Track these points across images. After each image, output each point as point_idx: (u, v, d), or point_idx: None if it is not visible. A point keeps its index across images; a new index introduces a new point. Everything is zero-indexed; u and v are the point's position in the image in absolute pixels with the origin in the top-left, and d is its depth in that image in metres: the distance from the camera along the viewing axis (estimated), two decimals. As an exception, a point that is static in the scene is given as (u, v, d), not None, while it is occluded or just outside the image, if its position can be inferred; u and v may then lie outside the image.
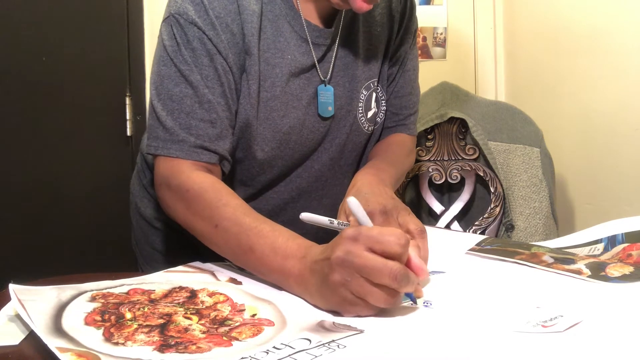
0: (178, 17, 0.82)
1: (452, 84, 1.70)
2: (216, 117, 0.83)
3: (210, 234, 0.78)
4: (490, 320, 0.61)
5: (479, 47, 2.01)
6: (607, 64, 1.51)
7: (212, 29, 0.82)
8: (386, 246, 0.59)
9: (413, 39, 1.06)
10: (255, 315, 0.64)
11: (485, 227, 1.56)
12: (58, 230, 1.74)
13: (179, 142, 0.82)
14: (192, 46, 0.82)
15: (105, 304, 0.65)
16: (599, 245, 0.84)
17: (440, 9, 1.97)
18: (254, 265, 0.73)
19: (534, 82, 1.84)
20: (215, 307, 0.66)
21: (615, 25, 1.49)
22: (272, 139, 0.90)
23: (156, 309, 0.64)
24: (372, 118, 1.00)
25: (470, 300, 0.67)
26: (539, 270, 0.76)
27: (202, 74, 0.82)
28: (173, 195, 0.83)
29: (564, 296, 0.67)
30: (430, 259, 0.78)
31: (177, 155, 0.82)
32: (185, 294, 0.69)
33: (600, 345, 0.54)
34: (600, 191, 1.58)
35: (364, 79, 0.97)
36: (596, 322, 0.59)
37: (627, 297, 0.66)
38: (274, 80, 0.88)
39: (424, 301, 0.66)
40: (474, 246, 0.87)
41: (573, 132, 1.66)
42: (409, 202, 1.63)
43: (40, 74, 1.68)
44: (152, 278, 0.75)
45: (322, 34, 0.92)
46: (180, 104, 0.82)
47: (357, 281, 0.59)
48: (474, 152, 1.60)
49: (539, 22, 1.80)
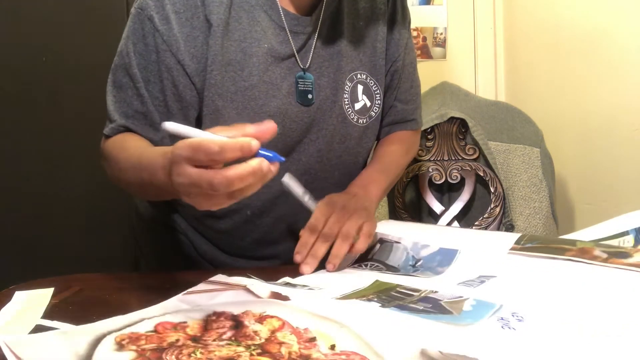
0: (139, 12, 0.86)
1: (452, 84, 1.70)
2: (147, 111, 0.88)
3: (126, 178, 0.83)
4: (611, 329, 0.58)
5: (479, 47, 2.01)
6: (607, 64, 1.51)
7: (166, 23, 0.85)
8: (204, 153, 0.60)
9: (408, 33, 1.07)
10: (335, 346, 0.54)
11: (485, 227, 1.56)
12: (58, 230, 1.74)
13: (113, 121, 0.89)
14: (145, 41, 0.86)
15: (141, 353, 0.52)
16: (628, 237, 0.82)
17: (440, 9, 1.97)
18: (146, 168, 0.74)
19: (534, 82, 1.85)
20: (277, 339, 0.55)
21: (615, 25, 1.49)
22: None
23: (211, 353, 0.52)
24: (362, 110, 1.00)
25: (564, 308, 0.63)
26: (599, 266, 0.73)
27: (146, 69, 0.86)
28: (105, 162, 0.90)
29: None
30: (474, 263, 0.77)
31: (108, 133, 0.89)
32: (228, 324, 0.58)
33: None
34: (600, 191, 1.58)
35: (348, 70, 0.97)
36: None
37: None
38: (252, 70, 0.88)
39: (512, 313, 0.62)
40: (514, 245, 0.83)
41: (573, 132, 1.66)
42: (409, 202, 1.63)
43: (40, 74, 1.68)
44: (174, 305, 0.64)
45: (301, 22, 0.92)
46: (125, 93, 0.88)
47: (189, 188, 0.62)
48: (474, 152, 1.60)
49: (539, 22, 1.80)
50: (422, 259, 0.85)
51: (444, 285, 0.72)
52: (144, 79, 0.87)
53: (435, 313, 0.62)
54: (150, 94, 0.87)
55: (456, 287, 0.72)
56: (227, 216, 0.97)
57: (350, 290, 0.70)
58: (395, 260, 0.86)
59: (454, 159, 1.61)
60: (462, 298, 0.66)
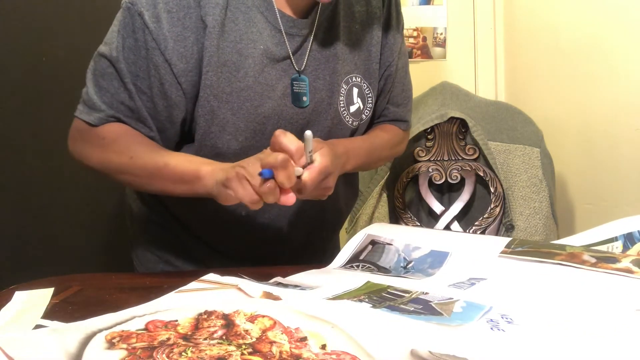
0: (130, 6, 0.86)
1: (452, 84, 1.71)
2: (134, 106, 0.88)
3: (127, 165, 0.87)
4: (598, 330, 0.58)
5: (479, 47, 2.01)
6: (607, 64, 1.51)
7: (156, 21, 0.84)
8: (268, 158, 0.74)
9: (402, 38, 1.08)
10: (325, 346, 0.54)
11: (485, 227, 1.56)
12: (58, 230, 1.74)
13: (100, 111, 0.89)
14: (135, 36, 0.86)
15: (132, 351, 0.52)
16: (617, 243, 0.83)
17: (440, 9, 1.97)
18: (167, 176, 0.84)
19: (534, 82, 1.84)
20: (268, 338, 0.55)
21: (615, 25, 1.49)
22: (246, 129, 0.91)
23: (202, 352, 0.52)
24: (356, 113, 1.01)
25: (552, 311, 0.64)
26: (588, 271, 0.74)
27: (136, 64, 0.86)
28: (87, 145, 0.91)
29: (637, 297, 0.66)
30: (465, 265, 0.78)
31: (96, 123, 0.89)
32: (219, 322, 0.58)
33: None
34: (600, 191, 1.58)
35: (343, 73, 0.98)
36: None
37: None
38: (247, 71, 0.89)
39: (502, 315, 0.63)
40: (504, 249, 0.84)
41: (573, 132, 1.66)
42: (409, 202, 1.63)
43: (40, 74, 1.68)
44: (165, 303, 0.64)
45: (297, 24, 0.92)
46: (109, 84, 0.88)
47: (240, 173, 0.75)
48: (474, 152, 1.60)
49: (539, 22, 1.80)
50: (413, 260, 0.86)
51: (435, 287, 0.73)
52: (132, 73, 0.87)
53: (426, 314, 0.63)
54: (137, 88, 0.88)
55: (446, 288, 0.73)
56: (222, 217, 0.97)
57: (341, 291, 0.70)
58: (386, 261, 0.87)
59: (454, 159, 1.61)
60: (453, 300, 0.67)
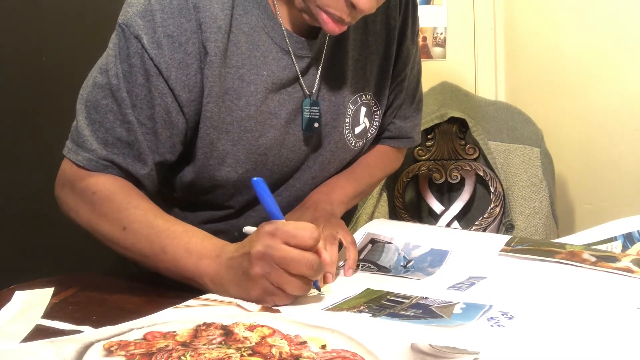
0: (124, 28, 0.78)
1: (452, 84, 1.70)
2: (134, 140, 0.79)
3: (118, 237, 0.76)
4: (597, 328, 0.59)
5: (479, 47, 2.01)
6: (607, 64, 1.51)
7: (157, 47, 0.77)
8: (300, 240, 0.64)
9: (417, 47, 1.02)
10: (325, 346, 0.53)
11: (485, 226, 1.56)
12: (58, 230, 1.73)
13: (90, 150, 0.79)
14: (130, 61, 0.78)
15: (130, 357, 0.51)
16: (616, 242, 0.83)
17: (440, 9, 1.97)
18: (166, 267, 0.73)
19: (534, 82, 1.84)
20: (267, 343, 0.54)
21: (615, 25, 1.49)
22: (247, 161, 0.86)
23: (201, 356, 0.51)
24: (361, 134, 0.96)
25: (552, 309, 0.65)
26: (587, 269, 0.74)
27: (132, 92, 0.78)
28: (77, 198, 0.81)
29: (636, 296, 0.66)
30: (464, 264, 0.78)
31: (85, 165, 0.79)
32: (218, 332, 0.57)
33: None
34: (600, 191, 1.58)
35: (350, 93, 0.92)
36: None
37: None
38: (249, 99, 0.83)
39: (502, 312, 0.63)
40: (504, 247, 0.83)
41: (573, 132, 1.66)
42: (409, 202, 1.63)
43: (40, 74, 1.68)
44: (163, 317, 0.63)
45: (306, 45, 0.85)
46: (103, 117, 0.79)
47: (276, 272, 0.64)
48: (474, 152, 1.60)
49: (539, 23, 1.80)
50: (413, 259, 0.85)
51: (434, 291, 0.73)
52: (132, 104, 0.78)
53: (426, 317, 0.63)
54: (138, 120, 0.79)
55: (446, 291, 0.73)
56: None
57: (341, 299, 0.69)
58: (386, 260, 0.87)
59: (454, 159, 1.61)
60: (452, 303, 0.67)
